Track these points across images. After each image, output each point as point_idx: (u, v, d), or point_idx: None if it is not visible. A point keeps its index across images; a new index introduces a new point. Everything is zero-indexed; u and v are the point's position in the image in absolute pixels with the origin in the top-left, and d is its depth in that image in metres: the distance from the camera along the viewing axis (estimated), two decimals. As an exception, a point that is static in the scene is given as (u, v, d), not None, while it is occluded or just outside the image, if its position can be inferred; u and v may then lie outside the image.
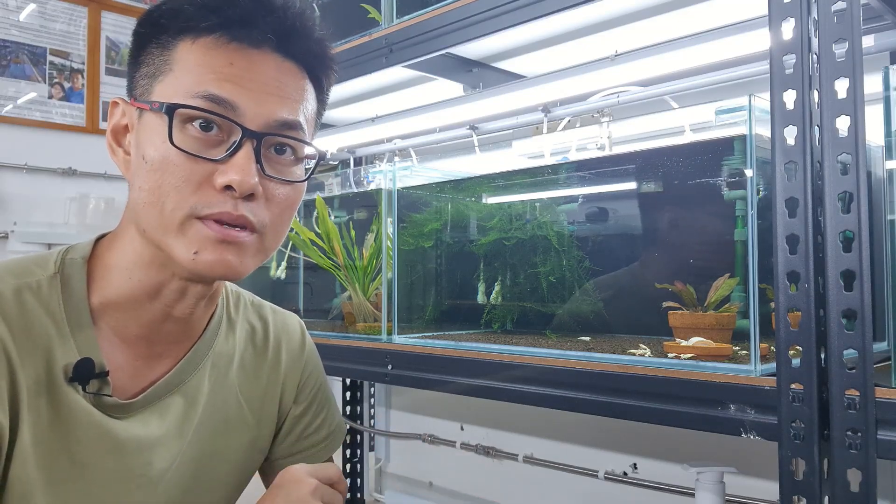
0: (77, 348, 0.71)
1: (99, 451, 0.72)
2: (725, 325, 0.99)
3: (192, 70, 0.69)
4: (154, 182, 0.68)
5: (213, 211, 0.67)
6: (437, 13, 1.24)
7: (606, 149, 1.21)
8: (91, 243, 0.77)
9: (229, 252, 0.69)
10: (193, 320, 0.80)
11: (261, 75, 0.70)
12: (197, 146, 0.68)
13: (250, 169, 0.68)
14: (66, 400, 0.70)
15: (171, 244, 0.69)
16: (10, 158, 2.36)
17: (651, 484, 1.42)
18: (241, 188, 0.67)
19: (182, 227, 0.68)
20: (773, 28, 0.82)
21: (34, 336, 0.70)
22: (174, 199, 0.67)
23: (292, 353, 0.93)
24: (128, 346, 0.76)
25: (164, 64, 0.71)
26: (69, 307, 0.72)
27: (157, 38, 0.72)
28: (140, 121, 0.71)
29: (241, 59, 0.70)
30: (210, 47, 0.69)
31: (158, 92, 0.70)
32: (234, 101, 0.68)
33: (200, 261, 0.68)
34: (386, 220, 1.40)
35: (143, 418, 0.76)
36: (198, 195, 0.67)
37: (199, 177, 0.67)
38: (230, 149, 0.68)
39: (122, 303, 0.74)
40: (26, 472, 0.68)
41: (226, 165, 0.68)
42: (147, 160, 0.69)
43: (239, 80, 0.69)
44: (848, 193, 0.76)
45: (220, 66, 0.69)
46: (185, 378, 0.80)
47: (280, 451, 0.93)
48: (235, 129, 0.68)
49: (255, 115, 0.69)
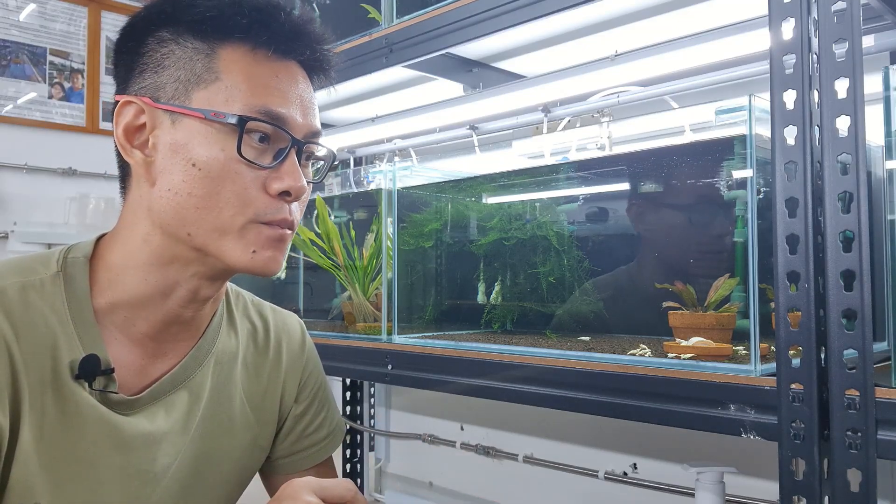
0: (82, 345, 0.72)
1: (105, 448, 0.72)
2: (725, 325, 0.99)
3: (244, 81, 0.72)
4: (210, 189, 0.70)
5: (275, 217, 0.73)
6: (437, 13, 1.24)
7: (606, 149, 1.21)
8: (92, 243, 0.78)
9: (279, 250, 0.75)
10: (198, 319, 0.81)
11: (297, 88, 0.75)
12: (254, 155, 0.71)
13: (299, 174, 0.73)
14: (73, 397, 0.71)
15: (225, 246, 0.72)
16: (10, 158, 2.36)
17: (651, 484, 1.43)
18: (297, 192, 0.73)
19: (242, 232, 0.72)
20: (773, 28, 0.82)
21: (39, 333, 0.70)
22: (235, 206, 0.71)
23: (293, 352, 0.93)
24: (133, 343, 0.76)
25: (206, 71, 0.71)
26: (73, 305, 0.73)
27: (189, 42, 0.72)
28: (176, 124, 0.71)
29: (284, 73, 0.74)
30: (259, 60, 0.73)
31: (202, 98, 0.71)
32: (286, 114, 0.73)
33: (258, 258, 0.73)
34: (386, 220, 1.40)
35: (149, 414, 0.76)
36: (258, 202, 0.72)
37: (257, 184, 0.72)
38: (278, 156, 0.73)
39: (133, 302, 0.75)
40: (28, 472, 0.68)
41: (278, 172, 0.73)
42: (200, 167, 0.70)
43: (284, 94, 0.73)
44: (848, 193, 0.76)
45: (268, 78, 0.73)
46: (189, 374, 0.81)
47: (281, 450, 0.93)
48: (283, 139, 0.73)
49: (298, 126, 0.74)
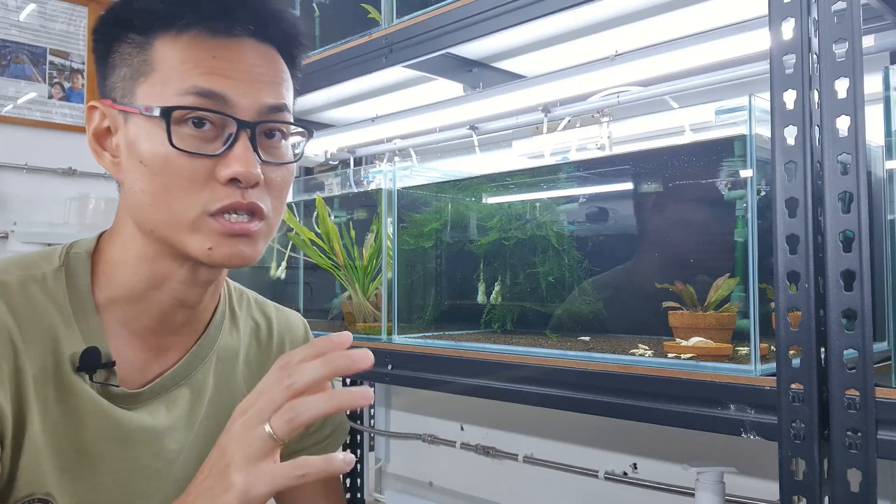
0: (83, 338, 0.72)
1: (106, 441, 0.73)
2: (725, 325, 0.99)
3: (176, 68, 0.69)
4: (158, 185, 0.68)
5: (223, 204, 0.68)
6: (437, 13, 1.24)
7: (606, 149, 1.21)
8: (94, 239, 0.79)
9: (242, 243, 0.70)
10: (201, 309, 0.81)
11: (244, 64, 0.70)
12: (194, 144, 0.68)
13: (251, 159, 0.69)
14: (74, 389, 0.71)
15: (184, 241, 0.70)
16: (10, 158, 2.36)
17: (651, 484, 1.42)
18: (247, 179, 0.68)
19: (194, 226, 0.69)
20: (773, 28, 0.82)
21: (40, 326, 0.71)
22: (183, 200, 0.68)
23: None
24: (136, 338, 0.76)
25: (143, 64, 0.70)
26: (74, 299, 0.73)
27: (128, 38, 0.71)
28: (127, 124, 0.71)
29: (224, 51, 0.70)
30: (191, 43, 0.69)
31: (143, 94, 0.70)
32: (224, 93, 0.69)
33: (216, 254, 0.70)
34: (386, 220, 1.40)
35: (151, 409, 0.77)
36: (205, 192, 0.68)
37: (203, 174, 0.68)
38: (227, 142, 0.69)
39: (129, 297, 0.75)
40: (38, 463, 0.69)
41: (226, 158, 0.68)
42: (145, 163, 0.69)
43: (225, 72, 0.69)
44: (848, 193, 0.76)
45: (203, 59, 0.69)
46: (192, 371, 0.81)
47: (283, 447, 0.93)
48: (229, 122, 0.69)
49: (245, 105, 0.69)
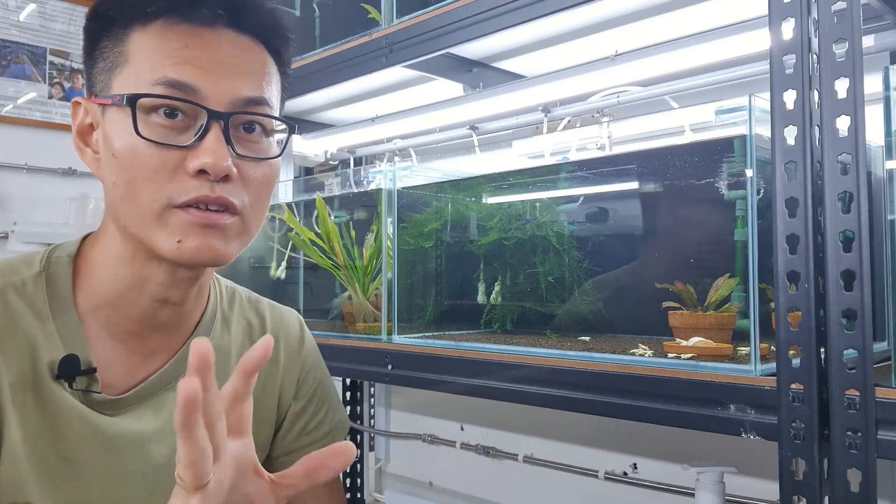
0: (63, 345, 0.71)
1: (89, 448, 0.72)
2: (725, 325, 0.99)
3: (147, 58, 0.67)
4: (126, 176, 0.67)
5: (189, 197, 0.66)
6: (437, 13, 1.24)
7: (606, 149, 1.21)
8: (78, 242, 0.77)
9: (213, 236, 0.68)
10: (186, 310, 0.79)
11: (218, 54, 0.69)
12: (164, 134, 0.67)
13: (222, 151, 0.67)
14: (53, 397, 0.70)
15: (152, 236, 0.68)
16: (10, 158, 2.36)
17: (651, 484, 1.42)
18: (215, 171, 0.66)
19: (161, 218, 0.67)
20: (773, 28, 0.82)
21: (17, 334, 0.70)
22: (149, 191, 0.66)
23: (290, 349, 0.92)
24: (120, 342, 0.75)
25: (118, 56, 0.69)
26: (54, 305, 0.72)
27: (108, 32, 0.70)
28: (104, 117, 0.70)
29: (196, 41, 0.68)
30: (162, 32, 0.68)
31: (118, 85, 0.69)
32: (195, 83, 0.67)
33: (185, 248, 0.67)
34: (386, 220, 1.40)
35: (136, 414, 0.75)
36: (173, 183, 0.66)
37: (171, 165, 0.66)
38: (198, 133, 0.67)
39: (110, 299, 0.74)
40: (18, 471, 0.68)
41: (196, 150, 0.66)
42: (116, 155, 0.68)
43: (196, 62, 0.67)
44: (848, 193, 0.76)
45: (175, 49, 0.67)
46: (179, 373, 0.79)
47: (280, 448, 0.92)
48: (201, 113, 0.67)
49: (218, 96, 0.68)
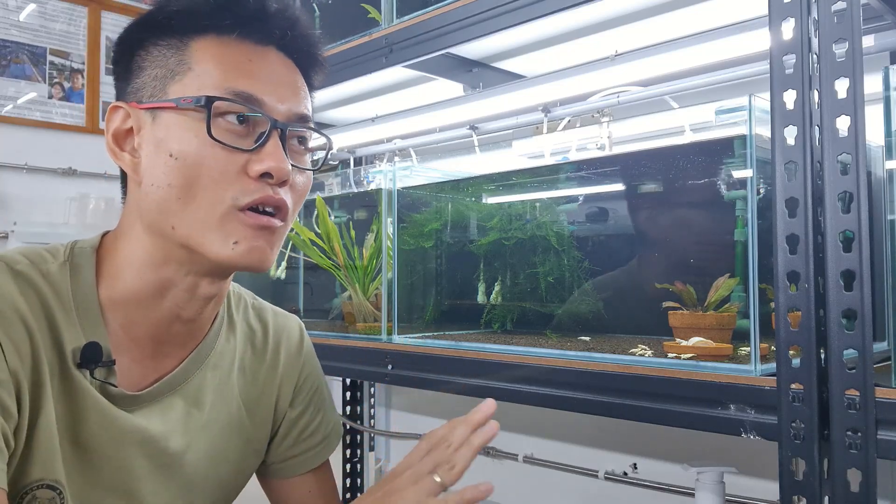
0: (84, 334, 0.73)
1: (103, 438, 0.73)
2: (725, 325, 0.99)
3: (215, 67, 0.71)
4: (187, 177, 0.69)
5: (254, 198, 0.70)
6: (437, 13, 1.24)
7: (606, 149, 1.21)
8: (98, 237, 0.79)
9: (263, 239, 0.71)
10: (200, 321, 0.81)
11: (274, 72, 0.74)
12: (231, 138, 0.70)
13: (283, 156, 0.71)
14: (76, 383, 0.72)
15: (209, 237, 0.70)
16: (10, 158, 2.36)
17: (651, 484, 1.43)
18: (279, 174, 0.71)
19: (223, 221, 0.70)
20: (773, 28, 0.82)
21: (47, 318, 0.71)
22: (213, 192, 0.69)
23: (290, 355, 0.93)
24: (135, 343, 0.77)
25: (179, 64, 0.72)
26: (78, 295, 0.74)
27: (163, 40, 0.73)
28: (156, 121, 0.72)
29: (257, 57, 0.73)
30: (228, 46, 0.72)
31: (177, 91, 0.71)
32: (259, 96, 0.71)
33: (240, 250, 0.70)
34: (386, 220, 1.40)
35: (145, 414, 0.77)
36: (236, 185, 0.70)
37: (236, 167, 0.70)
38: (259, 139, 0.71)
39: (131, 300, 0.75)
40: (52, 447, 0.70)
41: (258, 155, 0.70)
42: (177, 157, 0.70)
43: (259, 77, 0.72)
44: (848, 193, 0.76)
45: (240, 62, 0.72)
46: (187, 377, 0.80)
47: (277, 454, 0.93)
48: (262, 122, 0.71)
49: (277, 109, 0.72)
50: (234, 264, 0.72)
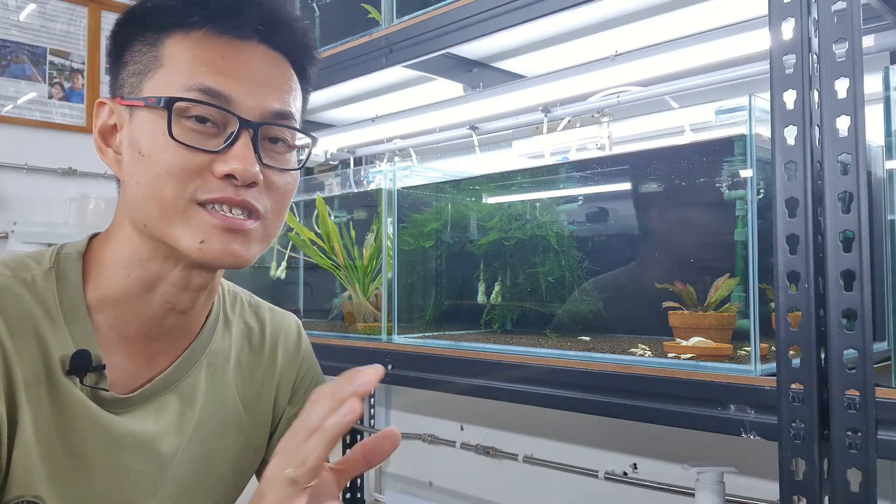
0: (73, 341, 0.72)
1: (96, 445, 0.72)
2: (725, 325, 0.99)
3: (184, 64, 0.69)
4: (152, 174, 0.68)
5: (213, 195, 0.68)
6: (437, 13, 1.24)
7: (606, 149, 1.21)
8: (85, 240, 0.78)
9: (235, 241, 0.70)
10: (193, 315, 0.80)
11: (252, 67, 0.71)
12: (195, 139, 0.68)
13: (251, 158, 0.69)
14: (65, 392, 0.71)
15: (175, 234, 0.69)
16: (10, 158, 2.36)
17: (651, 484, 1.42)
18: (244, 176, 0.68)
19: (185, 215, 0.68)
20: (773, 28, 0.82)
21: (29, 328, 0.70)
22: (173, 187, 0.68)
23: (288, 353, 0.93)
24: (126, 342, 0.76)
25: (152, 60, 0.71)
26: (64, 301, 0.73)
27: (142, 36, 0.72)
28: (132, 119, 0.71)
29: (232, 52, 0.70)
30: (200, 41, 0.70)
31: (150, 88, 0.70)
32: (229, 93, 0.69)
33: (207, 250, 0.69)
34: (386, 220, 1.40)
35: (139, 415, 0.76)
36: (197, 181, 0.68)
37: (198, 166, 0.68)
38: (227, 140, 0.69)
39: (120, 299, 0.74)
40: (29, 465, 0.68)
41: (225, 156, 0.68)
42: (143, 154, 0.69)
43: (232, 73, 0.70)
44: (848, 193, 0.76)
45: (212, 59, 0.69)
46: (181, 376, 0.80)
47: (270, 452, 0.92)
48: (231, 121, 0.69)
49: (250, 107, 0.70)
50: (207, 263, 0.70)
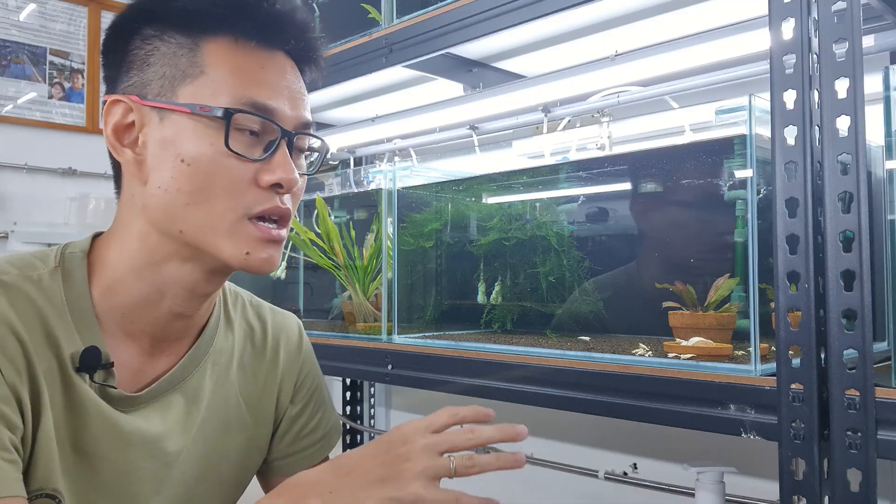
0: (81, 339, 0.72)
1: (104, 442, 0.73)
2: (725, 325, 0.99)
3: (229, 73, 0.71)
4: (200, 184, 0.70)
5: (265, 207, 0.72)
6: (437, 13, 1.24)
7: (606, 149, 1.21)
8: (88, 240, 0.78)
9: (274, 249, 0.74)
10: (198, 317, 0.81)
11: (285, 80, 0.74)
12: (244, 149, 0.71)
13: (292, 166, 0.73)
14: (76, 389, 0.72)
15: (219, 244, 0.71)
16: (10, 158, 2.36)
17: (651, 484, 1.42)
18: (289, 184, 0.72)
19: (233, 229, 0.71)
20: (773, 28, 0.82)
21: (41, 326, 0.71)
22: (225, 202, 0.70)
23: (290, 352, 0.93)
24: (132, 341, 0.76)
25: (191, 66, 0.71)
26: (71, 300, 0.73)
27: (171, 37, 0.72)
28: (163, 121, 0.71)
29: (269, 64, 0.74)
30: (242, 51, 0.72)
31: (188, 94, 0.71)
32: (273, 106, 0.72)
33: (253, 259, 0.72)
34: (386, 220, 1.40)
35: (145, 414, 0.77)
36: (248, 195, 0.71)
37: (248, 177, 0.71)
38: (268, 149, 0.72)
39: (130, 301, 0.75)
40: (50, 457, 0.69)
41: (269, 165, 0.72)
42: (189, 163, 0.70)
43: (272, 86, 0.73)
44: (848, 193, 0.76)
45: (253, 70, 0.72)
46: (186, 375, 0.80)
47: (277, 451, 0.93)
48: (271, 131, 0.72)
49: (288, 118, 0.73)
50: (251, 271, 0.73)
